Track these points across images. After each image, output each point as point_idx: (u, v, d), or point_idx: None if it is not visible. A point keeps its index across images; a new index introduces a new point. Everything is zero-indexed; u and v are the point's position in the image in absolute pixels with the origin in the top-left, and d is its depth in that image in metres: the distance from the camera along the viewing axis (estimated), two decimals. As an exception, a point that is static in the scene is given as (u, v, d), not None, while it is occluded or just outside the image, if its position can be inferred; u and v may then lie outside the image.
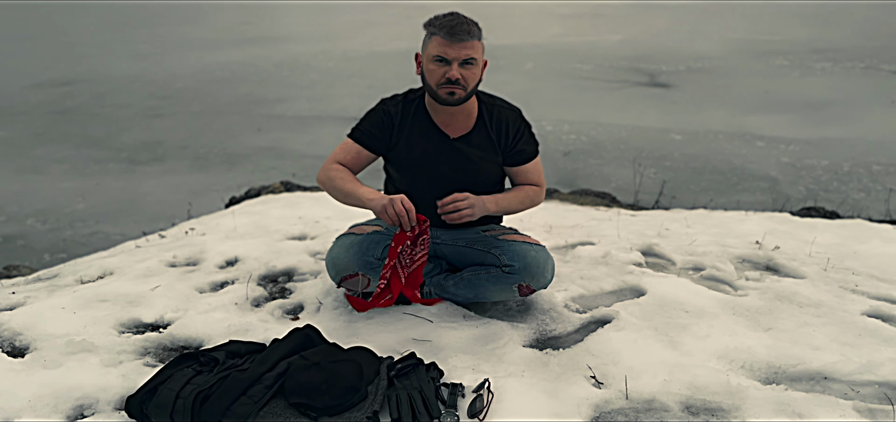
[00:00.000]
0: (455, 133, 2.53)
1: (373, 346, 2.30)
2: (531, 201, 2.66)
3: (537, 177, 2.67)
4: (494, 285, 2.53)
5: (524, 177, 2.65)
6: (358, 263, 2.51)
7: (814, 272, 3.05)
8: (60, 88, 16.01)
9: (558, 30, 24.83)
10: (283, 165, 9.68)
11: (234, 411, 1.88)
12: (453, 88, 2.37)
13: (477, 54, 2.38)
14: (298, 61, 19.16)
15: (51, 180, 9.54)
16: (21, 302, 2.74)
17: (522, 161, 2.61)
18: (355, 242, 2.55)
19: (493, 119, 2.55)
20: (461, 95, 2.40)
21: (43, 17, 32.54)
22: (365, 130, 2.55)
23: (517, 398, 2.03)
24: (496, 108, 2.57)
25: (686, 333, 2.42)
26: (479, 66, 2.41)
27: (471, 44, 2.35)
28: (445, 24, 2.34)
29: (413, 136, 2.53)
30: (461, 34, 2.32)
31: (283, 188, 5.53)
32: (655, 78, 15.91)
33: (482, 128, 2.54)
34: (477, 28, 2.38)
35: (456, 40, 2.33)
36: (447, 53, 2.35)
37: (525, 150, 2.60)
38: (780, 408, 1.99)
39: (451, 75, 2.35)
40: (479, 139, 2.54)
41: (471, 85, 2.41)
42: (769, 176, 8.88)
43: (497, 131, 2.55)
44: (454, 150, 2.53)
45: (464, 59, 2.35)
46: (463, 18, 2.36)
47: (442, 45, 2.35)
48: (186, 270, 3.12)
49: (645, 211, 4.77)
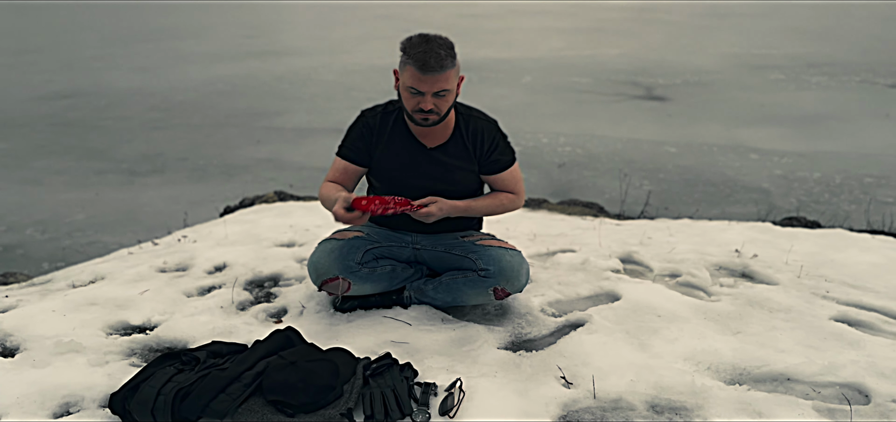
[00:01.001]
0: (432, 143, 2.61)
1: (352, 347, 2.38)
2: (504, 207, 2.74)
3: (514, 184, 2.73)
4: (471, 289, 2.61)
5: (501, 184, 2.72)
6: (338, 267, 2.59)
7: (787, 279, 3.12)
8: (62, 101, 16.15)
9: (557, 44, 24.97)
10: (282, 177, 9.77)
11: (212, 409, 1.96)
12: (426, 116, 2.44)
13: (450, 84, 2.41)
14: (298, 75, 19.29)
15: (51, 191, 9.63)
16: (13, 305, 2.82)
17: (498, 169, 2.68)
18: (336, 247, 2.62)
19: (469, 130, 2.62)
20: (434, 120, 2.47)
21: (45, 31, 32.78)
22: (348, 145, 2.65)
23: (488, 397, 2.10)
24: (473, 119, 2.63)
25: (656, 336, 2.49)
26: (452, 92, 2.45)
27: (444, 76, 2.37)
28: (419, 57, 2.34)
29: (392, 146, 2.61)
30: (434, 68, 2.34)
31: (276, 198, 5.61)
32: (652, 91, 16.01)
33: (459, 138, 2.62)
34: (450, 56, 2.38)
35: (429, 74, 2.35)
36: (420, 86, 2.38)
37: (500, 159, 2.67)
38: (742, 407, 2.06)
39: (425, 106, 2.41)
40: (456, 149, 2.61)
41: (444, 110, 2.46)
42: (761, 188, 8.96)
43: (473, 142, 2.62)
44: (431, 159, 2.61)
45: (437, 91, 2.39)
46: (436, 49, 2.35)
47: (415, 77, 2.37)
48: (175, 276, 3.20)
49: (630, 220, 4.85)
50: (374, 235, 2.71)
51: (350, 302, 2.72)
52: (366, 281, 2.65)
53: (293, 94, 16.37)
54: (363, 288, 2.66)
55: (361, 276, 2.63)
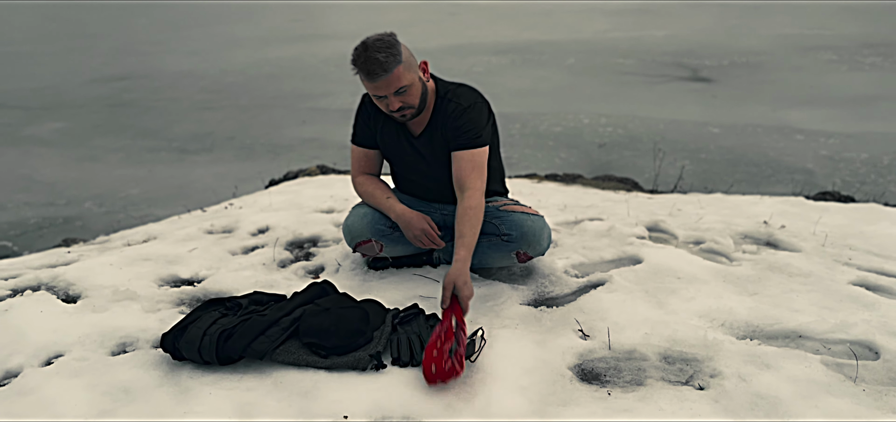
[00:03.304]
0: (417, 130, 2.66)
1: (382, 300, 2.53)
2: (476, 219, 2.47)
3: (470, 170, 2.53)
4: (495, 252, 2.74)
5: (458, 166, 2.55)
6: (371, 231, 2.75)
7: (811, 247, 3.16)
8: (118, 83, 16.76)
9: (602, 26, 24.74)
10: (325, 155, 10.01)
11: (253, 349, 2.14)
12: (402, 112, 2.48)
13: (405, 80, 2.39)
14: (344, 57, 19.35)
15: (107, 168, 10.09)
16: (75, 259, 3.07)
17: (455, 147, 2.57)
18: (369, 211, 2.78)
19: (442, 112, 2.59)
20: (411, 113, 2.50)
21: (103, 17, 33.83)
22: (358, 132, 2.77)
23: (507, 346, 2.24)
24: (447, 101, 2.58)
25: (674, 295, 2.59)
26: (413, 84, 2.44)
27: (394, 75, 2.36)
28: (363, 67, 2.36)
29: (387, 133, 2.71)
30: (379, 73, 2.34)
31: (319, 171, 5.83)
32: (698, 73, 15.80)
33: (436, 125, 2.61)
34: (391, 56, 2.35)
35: (376, 79, 2.36)
36: (377, 92, 2.41)
37: (459, 137, 2.55)
38: (750, 359, 2.15)
39: (392, 106, 2.44)
40: (434, 135, 2.63)
41: (416, 99, 2.47)
42: (805, 168, 8.83)
43: (443, 125, 2.60)
44: (417, 150, 2.68)
45: (394, 91, 2.40)
46: (374, 55, 2.33)
47: (369, 86, 2.40)
48: (222, 236, 3.41)
49: (663, 194, 4.90)
50: (405, 202, 2.86)
51: (382, 261, 2.88)
52: (397, 243, 2.80)
53: (338, 77, 16.63)
54: (394, 250, 2.82)
55: (393, 239, 2.78)
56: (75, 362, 2.16)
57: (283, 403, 1.95)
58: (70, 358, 2.18)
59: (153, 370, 2.10)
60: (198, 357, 2.12)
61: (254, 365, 2.12)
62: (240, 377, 2.06)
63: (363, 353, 2.14)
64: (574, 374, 2.12)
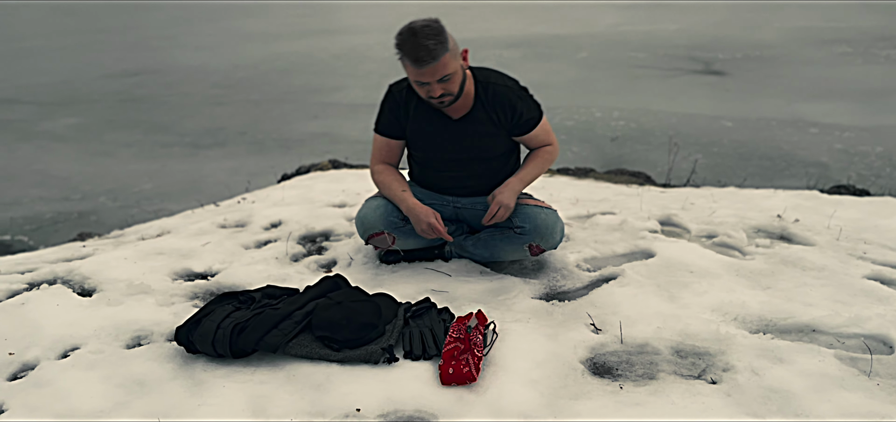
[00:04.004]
0: (457, 114, 2.68)
1: (394, 294, 2.54)
2: (549, 163, 2.82)
3: (546, 136, 2.80)
4: (507, 245, 2.75)
5: (535, 141, 2.78)
6: (383, 223, 2.76)
7: (825, 241, 3.14)
8: (131, 78, 16.87)
9: (614, 20, 24.62)
10: (336, 149, 10.03)
11: (266, 342, 2.15)
12: (441, 100, 2.51)
13: (449, 68, 2.42)
14: (355, 52, 19.62)
15: (121, 163, 10.16)
16: (90, 253, 3.10)
17: (529, 129, 2.73)
18: (382, 203, 2.78)
19: (489, 96, 2.65)
20: (450, 100, 2.54)
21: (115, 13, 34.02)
22: (383, 121, 2.78)
23: (519, 339, 2.24)
24: (490, 85, 2.66)
25: (686, 289, 2.58)
26: (456, 72, 2.47)
27: (440, 63, 2.39)
28: (409, 53, 2.38)
29: (419, 119, 2.71)
30: (426, 60, 2.37)
31: (330, 166, 5.84)
32: (710, 66, 15.71)
33: (480, 108, 2.66)
34: (440, 43, 2.38)
35: (423, 66, 2.38)
36: (421, 78, 2.44)
37: (529, 119, 2.71)
38: (763, 353, 2.14)
39: (434, 93, 2.47)
40: (480, 117, 2.67)
41: (456, 88, 2.51)
42: (819, 162, 8.77)
43: (494, 108, 2.65)
44: (457, 132, 2.69)
45: (439, 79, 2.43)
46: (423, 41, 2.36)
47: (413, 72, 2.43)
48: (235, 231, 3.43)
49: (675, 188, 4.88)
50: (418, 194, 2.86)
51: (394, 255, 2.88)
52: (409, 236, 2.80)
53: (349, 71, 16.67)
54: (406, 243, 2.82)
55: (405, 231, 2.79)
56: (91, 354, 2.18)
57: (295, 396, 1.96)
58: (86, 351, 2.20)
59: (167, 363, 2.12)
60: (211, 350, 2.13)
61: (267, 358, 2.14)
62: (253, 370, 2.08)
63: (375, 346, 2.15)
64: (586, 368, 2.12)
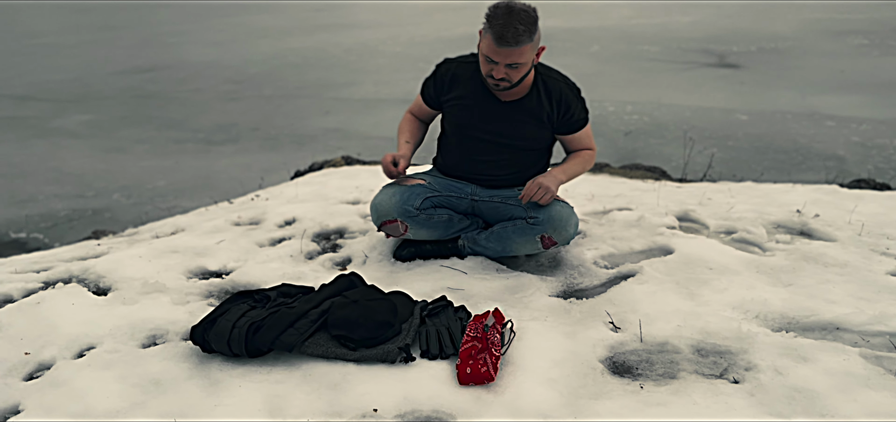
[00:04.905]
0: (507, 97, 2.71)
1: (410, 292, 2.52)
2: (589, 164, 2.90)
3: (589, 141, 2.88)
4: (520, 237, 2.72)
5: (578, 143, 2.85)
6: (397, 211, 2.75)
7: (846, 237, 3.09)
8: (143, 75, 16.92)
9: (626, 12, 24.46)
10: (349, 145, 10.02)
11: (282, 341, 2.13)
12: (498, 83, 2.57)
13: (524, 58, 2.49)
14: (366, 47, 19.59)
15: (134, 159, 10.19)
16: (104, 252, 3.10)
17: (576, 129, 2.79)
18: (397, 191, 2.79)
19: (546, 88, 2.71)
20: (505, 87, 2.60)
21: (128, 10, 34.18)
22: (427, 86, 2.89)
23: (537, 338, 2.22)
24: (551, 79, 2.72)
25: (705, 286, 2.54)
26: (526, 65, 2.53)
27: (519, 50, 2.46)
28: (497, 29, 2.43)
29: (467, 93, 2.76)
30: (510, 41, 2.43)
31: (344, 162, 5.83)
32: (724, 59, 15.56)
33: (535, 96, 2.71)
34: (528, 32, 2.44)
35: (503, 46, 2.44)
36: (494, 56, 2.49)
37: (578, 119, 2.77)
38: (786, 352, 2.10)
39: (496, 74, 2.53)
40: (530, 105, 2.71)
41: (516, 80, 2.57)
42: (836, 155, 8.66)
43: (549, 101, 2.71)
44: (504, 112, 2.72)
45: (509, 63, 2.49)
46: (515, 23, 2.42)
47: (491, 47, 2.48)
48: (249, 228, 3.42)
49: (692, 183, 4.83)
50: (435, 185, 2.86)
51: (408, 249, 2.86)
52: (422, 227, 2.80)
53: (361, 67, 16.64)
54: (419, 233, 2.82)
55: (419, 221, 2.78)
56: (107, 354, 2.17)
57: (312, 395, 1.94)
58: (101, 350, 2.19)
59: (183, 363, 2.11)
60: (227, 350, 2.12)
61: (283, 358, 2.12)
62: (269, 370, 2.06)
63: (392, 345, 2.13)
64: (605, 367, 2.10)
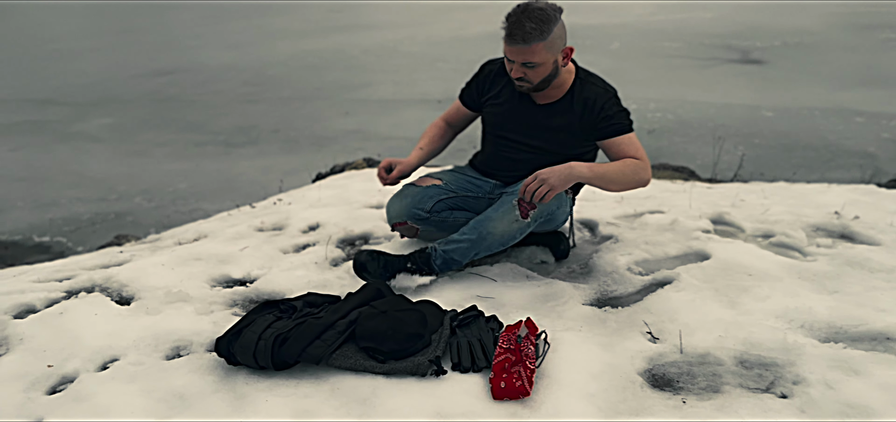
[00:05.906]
0: (542, 101, 2.66)
1: (439, 301, 2.45)
2: (634, 172, 2.53)
3: (634, 150, 2.57)
4: (494, 212, 2.55)
5: (618, 149, 2.57)
6: (408, 214, 2.76)
7: (891, 240, 2.97)
8: (163, 78, 17.01)
9: (647, 9, 24.23)
10: (368, 146, 9.99)
11: (309, 353, 2.07)
12: (520, 83, 2.55)
13: (538, 57, 2.43)
14: (384, 47, 19.58)
15: (155, 162, 10.22)
16: (127, 260, 3.05)
17: (612, 133, 2.57)
18: (410, 193, 2.77)
19: (581, 94, 2.62)
20: (527, 88, 2.56)
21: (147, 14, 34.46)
22: (466, 89, 2.86)
23: (572, 349, 2.13)
24: (588, 85, 2.64)
25: (746, 294, 2.44)
26: (545, 64, 2.47)
27: (529, 49, 2.42)
28: (508, 27, 2.43)
29: (502, 95, 2.73)
30: (517, 39, 2.41)
31: (365, 164, 5.77)
32: (748, 54, 15.35)
33: (569, 100, 2.64)
34: (538, 31, 2.39)
35: (512, 44, 2.44)
36: (508, 55, 2.49)
37: (616, 123, 2.56)
38: (836, 364, 2.00)
39: (515, 74, 2.53)
40: (563, 110, 2.64)
41: (537, 80, 2.52)
42: (866, 152, 8.47)
43: (582, 105, 2.61)
44: (535, 116, 2.66)
45: (524, 63, 2.46)
46: (524, 22, 2.39)
47: (505, 47, 2.49)
48: (272, 234, 3.36)
49: (723, 184, 4.71)
50: (451, 185, 2.81)
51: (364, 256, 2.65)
52: (435, 230, 2.79)
53: (379, 67, 16.63)
54: (432, 236, 2.82)
55: (430, 223, 2.77)
56: (131, 366, 2.12)
57: (341, 410, 1.88)
58: (125, 362, 2.14)
59: (208, 376, 2.05)
60: (253, 362, 2.06)
61: (310, 370, 2.06)
62: (296, 383, 2.00)
63: (422, 358, 2.06)
64: (644, 380, 2.01)
